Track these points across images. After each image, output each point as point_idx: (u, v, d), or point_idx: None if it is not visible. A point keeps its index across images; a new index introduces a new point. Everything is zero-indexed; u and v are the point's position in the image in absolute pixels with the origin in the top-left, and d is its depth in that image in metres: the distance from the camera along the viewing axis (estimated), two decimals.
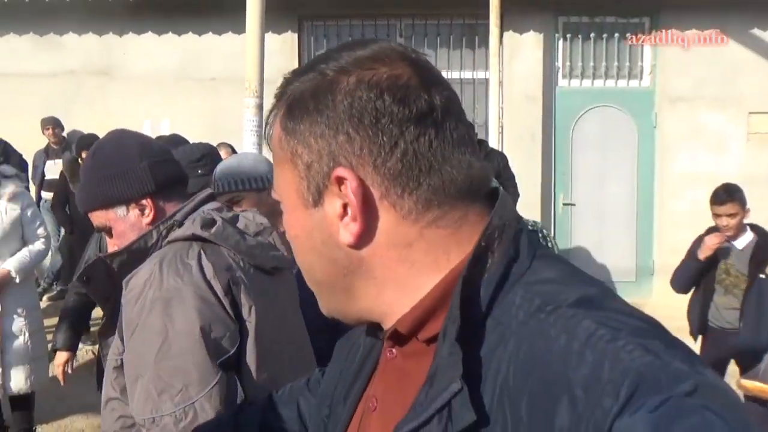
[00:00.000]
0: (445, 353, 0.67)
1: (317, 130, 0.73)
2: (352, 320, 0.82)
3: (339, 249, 0.75)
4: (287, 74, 0.79)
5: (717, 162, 7.84)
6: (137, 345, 1.59)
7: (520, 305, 0.68)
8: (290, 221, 0.79)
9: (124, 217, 1.76)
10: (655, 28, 8.00)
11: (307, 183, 0.75)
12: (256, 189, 2.48)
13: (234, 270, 1.68)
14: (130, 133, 1.90)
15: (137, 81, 8.11)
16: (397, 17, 8.10)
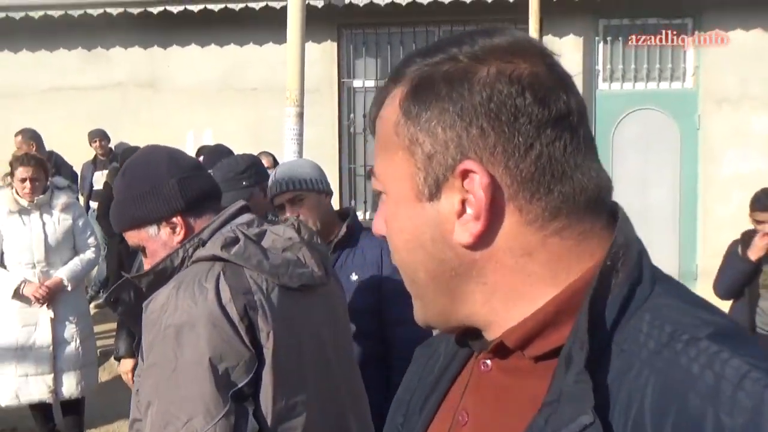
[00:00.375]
0: (571, 380, 0.62)
1: (447, 118, 0.68)
2: (450, 327, 0.77)
3: (450, 248, 0.70)
4: (409, 54, 0.74)
5: (764, 164, 7.67)
6: (151, 371, 1.59)
7: (648, 332, 0.63)
8: (396, 213, 0.73)
9: (156, 235, 1.74)
10: (698, 29, 7.87)
11: (425, 174, 0.70)
12: (317, 191, 2.56)
13: (253, 293, 1.63)
14: (159, 149, 1.88)
15: (181, 92, 8.29)
16: (436, 24, 8.12)
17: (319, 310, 1.84)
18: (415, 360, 0.96)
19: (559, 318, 0.67)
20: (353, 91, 8.34)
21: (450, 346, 0.86)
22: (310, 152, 7.09)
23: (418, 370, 0.92)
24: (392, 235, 0.75)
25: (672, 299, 0.66)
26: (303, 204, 2.53)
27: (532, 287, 0.69)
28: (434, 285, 0.73)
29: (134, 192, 1.73)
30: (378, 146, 0.74)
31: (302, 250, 1.79)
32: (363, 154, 8.27)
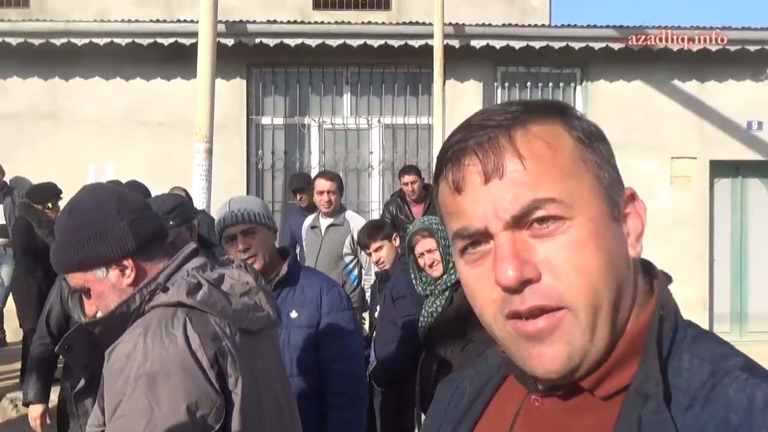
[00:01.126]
0: (650, 411, 0.70)
1: (611, 152, 0.81)
2: (584, 371, 0.77)
3: (628, 266, 0.78)
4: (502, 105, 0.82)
5: (646, 204, 8.32)
6: (121, 423, 1.53)
7: (689, 369, 0.73)
8: (595, 232, 0.75)
9: (104, 278, 1.67)
10: (585, 79, 8.52)
11: (609, 198, 0.78)
12: (267, 226, 2.65)
13: (220, 339, 1.62)
14: (108, 188, 1.83)
15: (83, 125, 8.08)
16: (344, 65, 8.37)
17: (269, 352, 1.90)
18: (438, 395, 1.00)
19: (626, 359, 0.76)
20: (262, 128, 8.42)
21: (476, 382, 0.93)
22: (219, 188, 7.11)
23: (442, 405, 0.96)
24: (586, 257, 0.74)
25: (706, 342, 0.77)
26: (255, 237, 2.60)
27: (631, 312, 0.79)
28: (614, 309, 0.76)
29: (83, 234, 1.66)
30: (557, 173, 0.75)
31: (259, 294, 1.83)
32: (271, 190, 8.34)
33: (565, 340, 0.74)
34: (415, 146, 8.45)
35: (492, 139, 0.76)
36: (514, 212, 0.74)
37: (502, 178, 0.75)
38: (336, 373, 2.67)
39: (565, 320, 0.74)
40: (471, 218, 0.77)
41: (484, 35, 8.07)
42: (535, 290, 0.73)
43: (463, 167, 0.77)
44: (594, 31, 8.10)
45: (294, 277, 2.72)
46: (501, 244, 0.74)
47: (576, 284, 0.73)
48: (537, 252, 0.74)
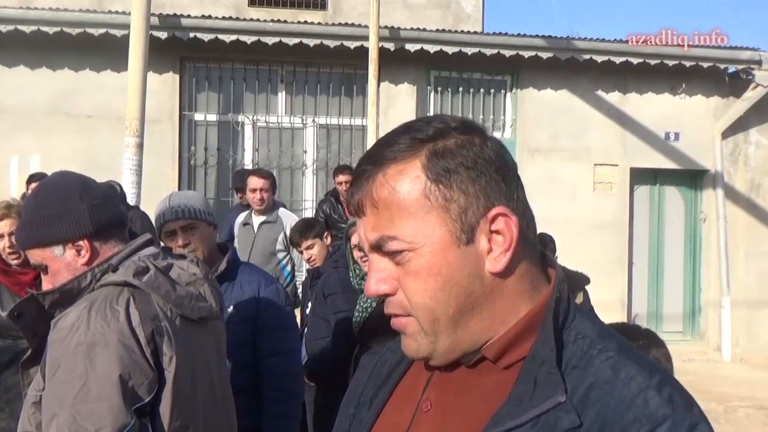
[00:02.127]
0: (545, 373, 0.86)
1: (472, 176, 0.89)
2: (451, 357, 0.93)
3: (480, 280, 0.90)
4: (377, 144, 0.94)
5: (569, 208, 8.67)
6: (57, 385, 1.63)
7: (574, 342, 0.90)
8: (431, 262, 0.89)
9: (60, 256, 1.79)
10: (515, 86, 8.79)
11: (461, 224, 0.89)
12: (207, 222, 2.68)
13: (160, 320, 1.74)
14: (73, 174, 1.93)
15: (6, 115, 7.80)
16: (279, 63, 8.37)
17: (209, 343, 1.97)
18: (361, 366, 1.16)
19: (524, 334, 0.92)
20: (194, 124, 8.33)
21: (397, 354, 1.08)
22: (149, 183, 6.99)
23: (366, 373, 1.12)
24: (422, 282, 0.90)
25: (589, 322, 0.94)
26: (195, 232, 2.63)
27: (519, 306, 0.93)
28: (456, 319, 0.91)
29: (45, 213, 1.78)
30: (400, 214, 0.89)
31: (204, 285, 1.93)
32: (203, 186, 8.26)
33: (413, 338, 0.94)
34: (349, 147, 8.53)
35: (368, 178, 0.92)
36: (372, 242, 0.93)
37: (364, 213, 0.93)
38: (273, 368, 2.72)
39: (412, 323, 0.93)
40: (359, 236, 0.97)
41: (418, 39, 8.22)
42: (391, 301, 0.94)
43: (354, 196, 0.95)
44: (524, 39, 8.37)
45: (233, 273, 2.76)
46: (370, 262, 0.96)
47: (413, 302, 0.91)
48: (394, 272, 0.93)
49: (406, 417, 0.99)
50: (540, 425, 0.84)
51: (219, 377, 2.01)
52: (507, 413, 0.86)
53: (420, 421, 0.97)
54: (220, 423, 1.99)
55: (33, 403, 1.80)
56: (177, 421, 1.74)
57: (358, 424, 1.05)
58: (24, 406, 1.86)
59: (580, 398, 0.85)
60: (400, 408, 1.01)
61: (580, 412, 0.84)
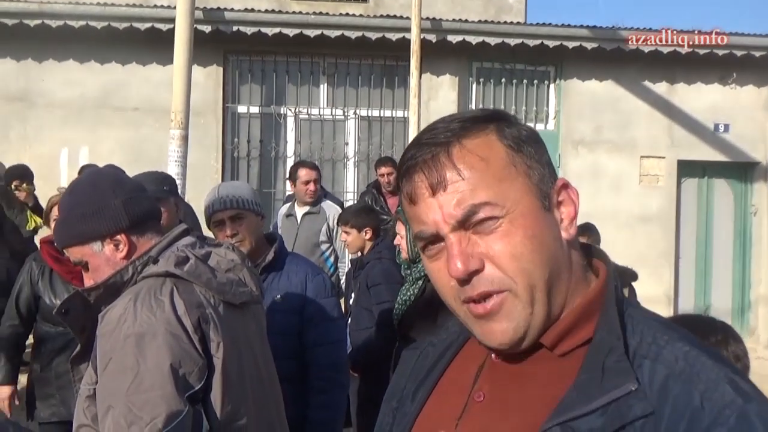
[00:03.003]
0: (613, 361, 0.86)
1: (541, 151, 0.94)
2: (537, 335, 0.92)
3: (561, 245, 0.93)
4: (441, 123, 0.95)
5: (614, 200, 8.52)
6: (110, 377, 1.67)
7: (637, 332, 0.89)
8: (526, 224, 0.90)
9: (99, 252, 1.83)
10: (558, 77, 8.66)
11: (541, 191, 0.92)
12: (255, 212, 2.70)
13: (204, 307, 1.77)
14: (106, 170, 1.99)
15: (56, 108, 7.99)
16: (321, 56, 8.39)
17: (252, 327, 2.00)
18: (403, 361, 1.15)
19: (580, 321, 0.92)
20: (238, 116, 8.41)
21: (438, 347, 1.09)
22: (193, 175, 7.10)
23: (407, 367, 1.12)
24: (518, 245, 0.89)
25: (640, 313, 0.94)
26: (243, 222, 2.65)
27: (580, 285, 0.95)
28: (549, 286, 0.91)
29: (81, 210, 1.82)
30: (489, 181, 0.90)
31: (243, 271, 1.96)
32: (246, 178, 8.34)
33: (510, 316, 0.90)
34: (391, 139, 8.52)
35: (435, 157, 0.91)
36: (458, 217, 0.90)
37: (445, 189, 0.90)
38: (318, 358, 2.74)
39: (508, 300, 0.90)
40: (425, 224, 0.93)
41: (460, 30, 8.16)
42: (481, 278, 0.90)
43: (414, 182, 0.93)
44: (568, 30, 8.23)
45: (280, 263, 2.78)
46: (450, 244, 0.91)
47: (511, 269, 0.89)
48: (479, 246, 0.90)
49: (456, 408, 0.98)
50: (609, 413, 0.83)
51: (264, 360, 2.05)
52: (574, 400, 0.85)
53: (473, 411, 0.96)
54: (268, 405, 2.02)
55: (87, 396, 1.84)
56: (228, 406, 1.77)
57: (401, 418, 1.05)
58: (78, 399, 1.90)
59: (659, 389, 0.83)
60: (448, 399, 1.01)
61: (657, 403, 0.82)
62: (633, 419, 0.81)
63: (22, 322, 3.63)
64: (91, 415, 1.80)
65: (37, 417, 3.62)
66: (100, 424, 1.67)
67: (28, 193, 6.37)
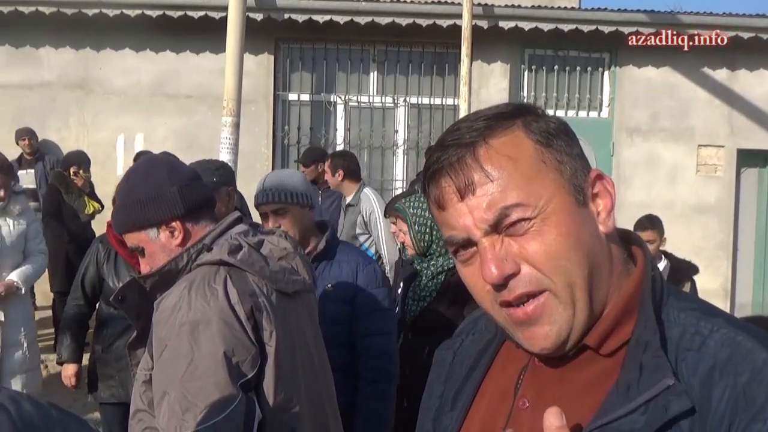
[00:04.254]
0: (650, 357, 0.83)
1: (571, 143, 0.91)
2: (579, 336, 0.88)
3: (599, 240, 0.89)
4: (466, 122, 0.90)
5: (670, 190, 8.31)
6: (165, 364, 1.70)
7: (678, 322, 0.87)
8: (559, 221, 0.86)
9: (155, 238, 1.85)
10: (613, 64, 8.46)
11: (573, 186, 0.88)
12: (300, 204, 2.69)
13: (257, 296, 1.78)
14: (161, 158, 2.00)
15: (113, 96, 8.18)
16: (371, 43, 8.37)
17: (305, 315, 2.01)
18: (438, 363, 1.12)
19: (623, 317, 0.89)
20: (288, 104, 8.47)
21: (475, 347, 1.06)
22: (245, 162, 7.19)
23: (443, 370, 1.09)
24: (553, 244, 0.86)
25: (686, 300, 0.92)
26: (286, 216, 2.65)
27: (622, 279, 0.92)
28: (589, 284, 0.87)
29: (137, 197, 1.85)
30: (519, 181, 0.86)
31: (295, 259, 1.97)
32: (296, 165, 8.40)
33: (552, 319, 0.87)
34: (440, 126, 8.45)
35: (461, 159, 0.88)
36: (489, 221, 0.86)
37: (474, 193, 0.87)
38: (368, 348, 2.74)
39: (548, 301, 0.86)
40: (455, 229, 0.89)
41: (512, 16, 8.03)
42: (518, 280, 0.86)
43: (441, 187, 0.89)
44: (624, 15, 8.02)
45: (331, 252, 2.78)
46: (483, 249, 0.87)
47: (547, 267, 0.85)
48: (513, 248, 0.87)
49: (501, 415, 0.96)
50: (650, 411, 0.81)
51: (316, 348, 2.05)
52: (615, 401, 0.83)
53: (518, 418, 0.93)
54: (320, 393, 2.04)
55: (143, 381, 1.87)
56: (281, 394, 1.79)
57: (443, 429, 1.03)
58: (135, 384, 1.93)
59: (703, 381, 0.81)
60: (491, 407, 0.98)
61: (701, 396, 0.80)
62: (674, 416, 0.79)
63: (86, 301, 3.73)
64: (147, 401, 1.83)
65: (98, 397, 3.73)
66: (155, 409, 1.71)
67: (85, 180, 6.55)
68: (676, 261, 4.97)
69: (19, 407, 0.79)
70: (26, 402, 0.81)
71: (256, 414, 1.72)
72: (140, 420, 1.87)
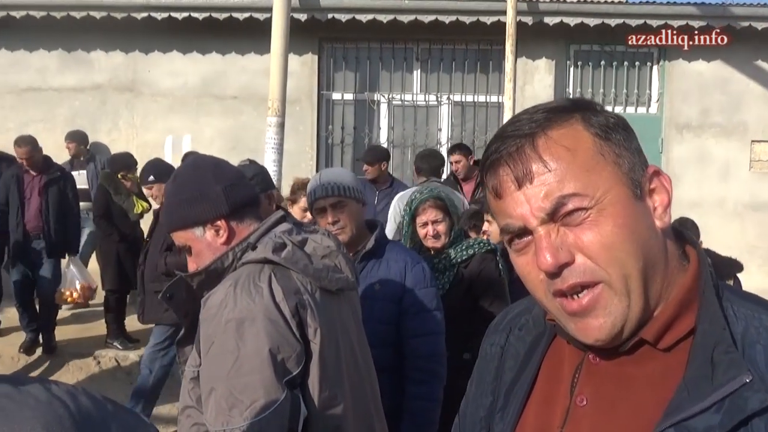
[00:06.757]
0: (721, 352, 0.83)
1: (630, 138, 0.91)
2: (634, 328, 0.88)
3: (655, 233, 0.89)
4: (528, 114, 0.92)
5: (721, 188, 8.09)
6: (212, 361, 1.73)
7: (740, 317, 0.87)
8: (617, 213, 0.86)
9: (201, 237, 1.88)
10: (662, 58, 8.27)
11: (631, 180, 0.89)
12: (356, 199, 2.70)
13: (302, 293, 1.79)
14: (206, 158, 2.04)
15: (161, 98, 8.35)
16: (414, 41, 8.36)
17: (348, 313, 2.02)
18: (485, 358, 1.11)
19: (681, 311, 0.89)
20: (332, 103, 8.52)
21: (522, 343, 1.05)
22: (289, 161, 7.25)
23: (491, 366, 1.09)
24: (609, 235, 0.86)
25: (741, 294, 0.92)
26: (344, 210, 2.65)
27: (678, 275, 0.91)
28: (644, 276, 0.87)
29: (183, 196, 1.89)
30: (577, 171, 0.87)
31: (339, 257, 1.98)
32: (340, 164, 8.45)
33: (606, 311, 0.87)
34: (485, 124, 8.40)
35: (519, 149, 0.89)
36: (546, 209, 0.87)
37: (532, 182, 0.88)
38: (416, 349, 2.71)
39: (603, 293, 0.87)
40: (512, 217, 0.90)
41: (558, 12, 7.92)
42: (572, 270, 0.87)
43: (499, 176, 0.91)
44: (673, 8, 7.84)
45: (380, 251, 2.77)
46: (539, 237, 0.88)
47: (602, 258, 0.86)
48: (569, 238, 0.87)
49: (557, 415, 0.95)
50: (726, 408, 0.80)
51: (360, 347, 2.06)
52: (685, 398, 0.82)
53: (576, 417, 0.93)
54: (365, 391, 2.04)
55: (191, 378, 1.89)
56: (326, 392, 1.80)
57: (496, 428, 1.02)
58: (183, 381, 1.96)
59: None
60: (547, 406, 0.97)
61: None
62: (752, 413, 0.79)
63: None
64: (195, 397, 1.86)
65: None
66: (203, 405, 1.73)
67: (133, 181, 6.70)
68: (717, 258, 4.84)
69: (76, 401, 0.81)
70: (83, 396, 0.83)
71: (301, 411, 1.73)
72: (189, 416, 1.90)
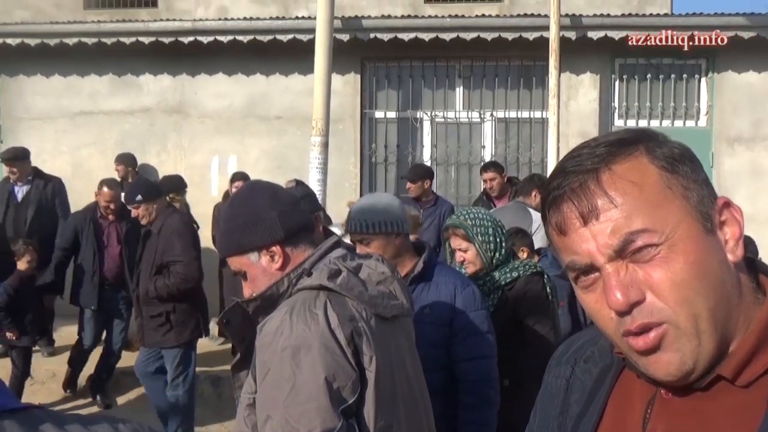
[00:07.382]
0: None
1: (697, 169, 0.89)
2: (706, 367, 0.85)
3: (728, 269, 0.86)
4: (585, 150, 0.90)
5: None
6: (268, 388, 1.73)
7: None
8: (687, 249, 0.84)
9: (257, 262, 1.89)
10: (711, 70, 8.11)
11: (701, 213, 0.86)
12: (385, 233, 2.65)
13: (357, 320, 1.78)
14: (262, 184, 2.06)
15: (207, 119, 8.50)
16: (457, 59, 8.36)
17: (403, 340, 2.01)
18: (549, 391, 1.08)
19: (760, 345, 0.86)
20: (375, 122, 8.56)
21: (590, 375, 1.02)
22: (333, 181, 7.31)
23: (557, 399, 1.06)
24: (679, 273, 0.83)
25: None
26: (370, 246, 2.62)
27: (754, 308, 0.88)
28: (715, 316, 0.84)
29: (239, 221, 1.90)
30: (645, 207, 0.85)
31: (393, 283, 1.97)
32: (384, 183, 8.47)
33: (674, 347, 0.84)
34: (528, 140, 8.33)
35: (583, 185, 0.87)
36: (614, 246, 0.85)
37: (597, 218, 0.86)
38: (467, 372, 2.69)
39: (669, 333, 0.84)
40: (577, 254, 0.88)
41: (601, 26, 7.83)
42: (642, 309, 0.84)
43: (563, 213, 0.88)
44: (721, 19, 7.69)
45: (429, 274, 2.74)
46: (607, 275, 0.86)
47: (672, 298, 0.83)
48: (638, 275, 0.85)
49: None
50: None
51: (414, 373, 2.04)
52: None
53: None
54: (420, 419, 2.02)
55: (247, 405, 1.89)
56: (381, 421, 1.78)
57: None
58: (239, 408, 1.96)
59: None
60: None
61: None
62: None
63: None
64: (251, 424, 1.86)
65: None
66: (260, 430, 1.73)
67: (181, 203, 6.83)
68: None
69: None
70: None
71: None
72: None
